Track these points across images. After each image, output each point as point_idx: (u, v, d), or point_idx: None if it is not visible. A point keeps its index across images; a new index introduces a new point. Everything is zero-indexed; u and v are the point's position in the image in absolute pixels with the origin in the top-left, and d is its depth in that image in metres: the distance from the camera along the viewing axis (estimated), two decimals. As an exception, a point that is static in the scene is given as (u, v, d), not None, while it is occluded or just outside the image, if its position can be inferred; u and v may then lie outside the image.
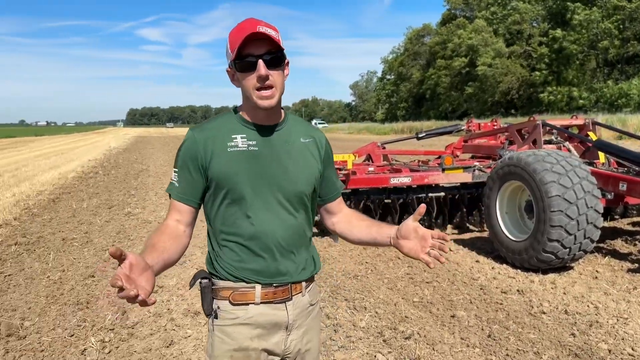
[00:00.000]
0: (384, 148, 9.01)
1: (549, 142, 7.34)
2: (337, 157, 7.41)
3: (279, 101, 1.73)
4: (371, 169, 7.69)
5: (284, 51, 1.69)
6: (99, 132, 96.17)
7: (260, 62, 1.63)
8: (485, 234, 7.11)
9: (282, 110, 1.81)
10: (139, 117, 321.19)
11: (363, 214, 2.02)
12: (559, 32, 49.19)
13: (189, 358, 3.71)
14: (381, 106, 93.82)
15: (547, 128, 7.41)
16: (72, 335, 4.09)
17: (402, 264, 5.93)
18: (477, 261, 6.02)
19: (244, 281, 1.73)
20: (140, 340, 4.02)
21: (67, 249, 6.79)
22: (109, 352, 3.81)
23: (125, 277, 1.34)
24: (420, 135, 9.50)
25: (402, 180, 7.09)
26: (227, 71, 1.76)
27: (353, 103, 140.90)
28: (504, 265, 5.78)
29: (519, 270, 5.57)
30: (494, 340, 3.89)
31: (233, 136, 1.72)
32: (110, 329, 4.20)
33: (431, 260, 1.72)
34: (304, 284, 1.83)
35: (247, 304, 1.74)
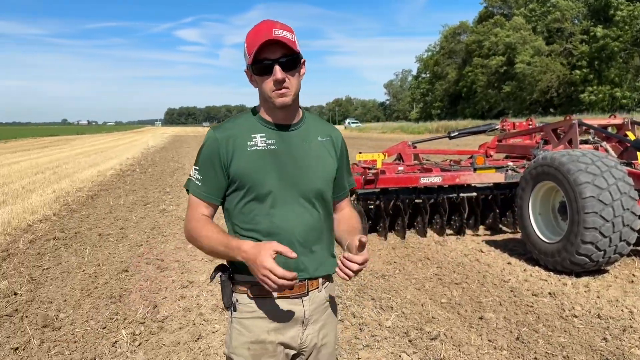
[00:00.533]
0: (414, 147, 8.94)
1: (586, 142, 7.15)
2: (366, 156, 7.40)
3: (296, 101, 1.78)
4: (401, 168, 7.64)
5: (300, 54, 1.75)
6: (138, 131, 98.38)
7: (277, 67, 1.69)
8: (518, 236, 6.99)
9: (300, 110, 1.87)
10: (176, 117, 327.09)
11: (361, 219, 2.04)
12: (600, 30, 47.79)
13: (216, 352, 3.78)
14: (416, 105, 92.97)
15: (584, 128, 7.22)
16: (104, 328, 4.21)
17: (431, 265, 5.88)
18: (508, 263, 5.92)
19: None
20: (170, 334, 4.11)
21: (102, 244, 6.98)
22: (139, 345, 3.91)
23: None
24: (452, 135, 9.38)
25: (433, 180, 7.02)
26: (246, 72, 1.82)
27: (387, 102, 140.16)
28: (536, 268, 5.67)
29: (551, 273, 5.45)
30: (523, 343, 3.83)
31: (252, 135, 1.78)
32: (141, 322, 4.30)
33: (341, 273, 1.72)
34: (320, 280, 1.87)
35: (265, 298, 1.79)
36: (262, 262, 1.58)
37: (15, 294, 5.00)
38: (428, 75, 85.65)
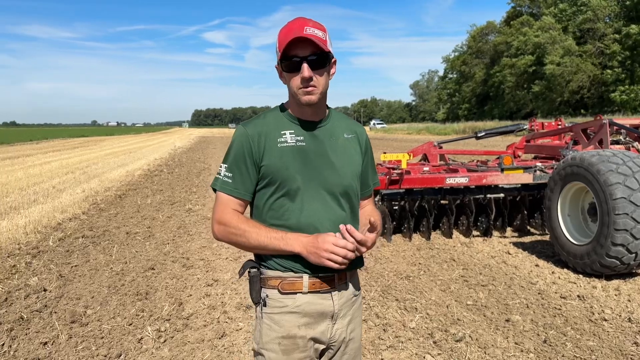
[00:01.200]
0: (440, 148, 8.85)
1: (617, 142, 6.98)
2: (391, 157, 7.35)
3: (323, 98, 1.80)
4: (426, 168, 7.57)
5: (330, 53, 1.75)
6: (166, 132, 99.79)
7: (305, 64, 1.70)
8: (546, 238, 6.86)
9: (326, 107, 1.89)
10: (203, 118, 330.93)
11: (379, 216, 2.00)
12: (634, 28, 46.63)
13: (240, 350, 3.79)
14: (442, 106, 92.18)
15: (615, 127, 7.05)
16: (131, 324, 4.27)
17: (457, 266, 5.81)
18: (536, 265, 5.81)
19: (292, 271, 1.78)
20: (194, 331, 4.14)
21: (130, 242, 7.09)
22: (164, 342, 3.95)
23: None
24: (479, 135, 9.24)
25: (459, 180, 6.94)
26: (276, 68, 1.82)
27: (413, 103, 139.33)
28: (565, 270, 5.55)
29: (580, 276, 5.33)
30: (550, 346, 3.75)
31: (282, 132, 1.80)
32: (166, 319, 4.35)
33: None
34: (348, 275, 1.88)
35: (295, 293, 1.79)
36: (324, 240, 1.66)
37: (45, 290, 5.11)
38: (455, 75, 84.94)
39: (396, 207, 7.33)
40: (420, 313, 4.45)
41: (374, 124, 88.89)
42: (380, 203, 7.14)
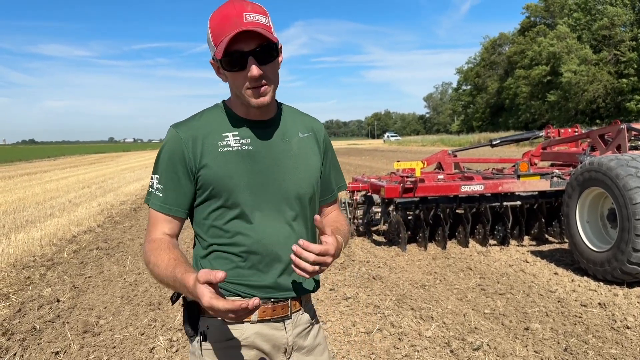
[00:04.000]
0: (455, 156, 8.76)
1: (635, 147, 6.84)
2: (404, 165, 7.28)
3: (274, 95, 1.53)
4: (441, 177, 7.48)
5: (277, 41, 1.46)
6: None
7: (252, 60, 1.41)
8: (565, 246, 6.72)
9: (276, 102, 1.62)
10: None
11: (345, 223, 1.76)
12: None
13: None
14: (457, 117, 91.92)
15: (633, 133, 6.91)
16: (143, 334, 4.23)
17: (474, 275, 5.70)
18: (555, 273, 5.68)
19: (240, 296, 1.51)
20: (206, 341, 4.08)
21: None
22: (176, 351, 3.90)
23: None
24: (495, 143, 9.13)
25: (474, 188, 6.83)
26: (211, 63, 1.53)
27: (427, 115, 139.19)
28: (585, 278, 5.41)
29: (601, 283, 5.19)
30: (571, 354, 3.63)
31: (224, 134, 1.51)
32: (178, 329, 4.31)
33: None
34: (303, 299, 1.63)
35: (243, 322, 1.52)
36: (202, 301, 1.24)
37: (58, 300, 5.10)
38: (469, 87, 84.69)
39: (410, 216, 7.25)
40: (437, 322, 4.36)
41: (388, 136, 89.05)
42: (394, 212, 7.07)
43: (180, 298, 1.57)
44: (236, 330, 1.52)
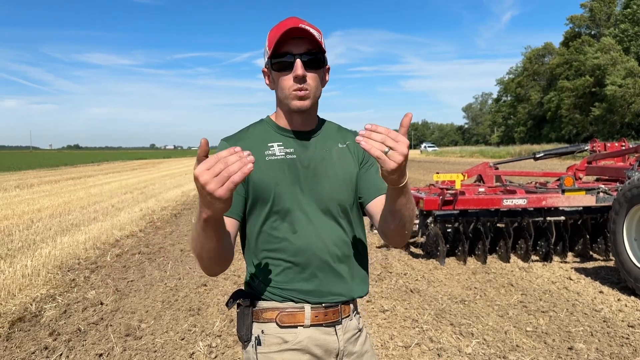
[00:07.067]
0: (496, 169, 8.59)
1: (688, 163, 6.59)
2: (444, 177, 7.20)
3: (315, 106, 1.61)
4: (482, 189, 7.36)
5: (325, 54, 1.56)
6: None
7: (298, 61, 1.50)
8: (611, 263, 6.51)
9: (317, 117, 1.70)
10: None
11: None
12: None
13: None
14: (497, 129, 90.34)
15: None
16: (183, 339, 4.30)
17: (515, 292, 5.57)
18: (600, 292, 5.50)
19: (292, 301, 1.57)
20: (245, 348, 4.11)
21: (184, 259, 7.20)
22: (215, 357, 3.94)
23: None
24: (538, 156, 8.91)
25: (517, 202, 6.69)
26: (263, 71, 1.64)
27: (466, 126, 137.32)
28: (632, 297, 5.22)
29: (650, 304, 5.00)
30: (619, 377, 3.50)
31: (269, 144, 1.60)
32: (217, 335, 4.36)
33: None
34: (351, 306, 1.68)
35: (296, 327, 1.57)
36: (195, 170, 1.13)
37: (102, 303, 5.23)
38: (510, 98, 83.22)
39: (450, 229, 7.15)
40: (477, 338, 4.27)
41: (424, 146, 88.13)
42: (432, 224, 6.98)
43: (235, 303, 1.62)
44: (290, 334, 1.57)
